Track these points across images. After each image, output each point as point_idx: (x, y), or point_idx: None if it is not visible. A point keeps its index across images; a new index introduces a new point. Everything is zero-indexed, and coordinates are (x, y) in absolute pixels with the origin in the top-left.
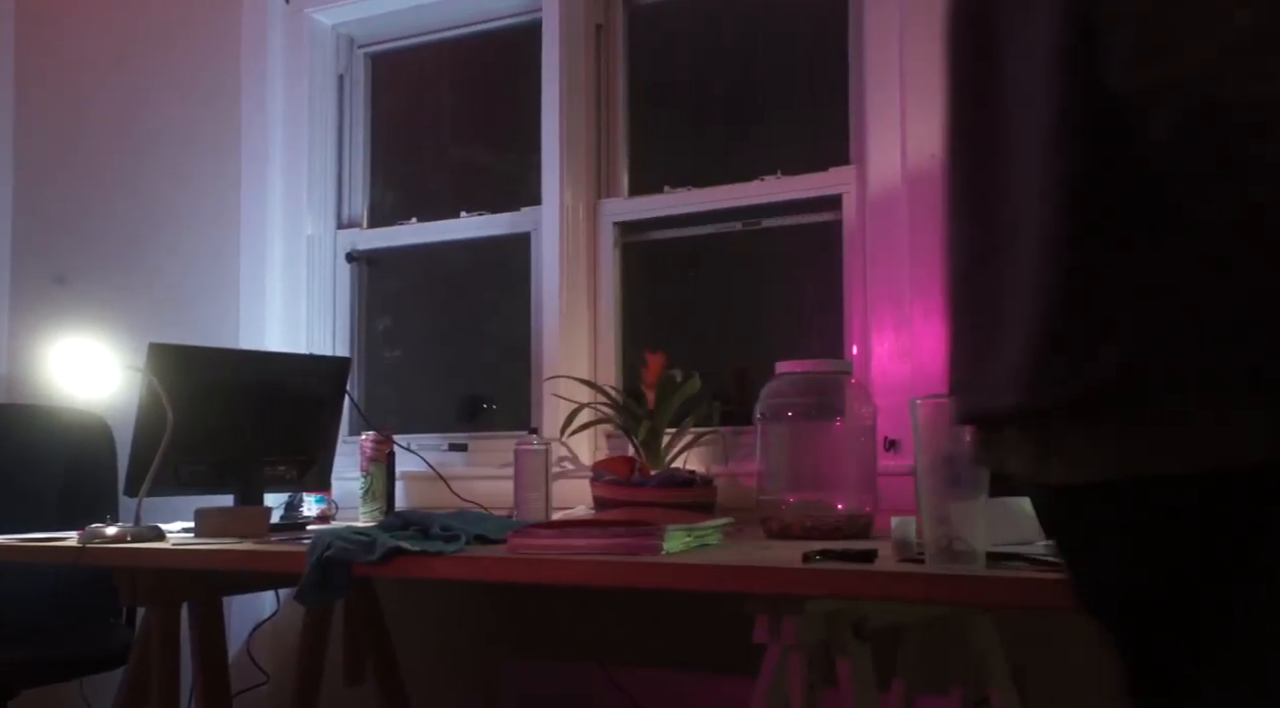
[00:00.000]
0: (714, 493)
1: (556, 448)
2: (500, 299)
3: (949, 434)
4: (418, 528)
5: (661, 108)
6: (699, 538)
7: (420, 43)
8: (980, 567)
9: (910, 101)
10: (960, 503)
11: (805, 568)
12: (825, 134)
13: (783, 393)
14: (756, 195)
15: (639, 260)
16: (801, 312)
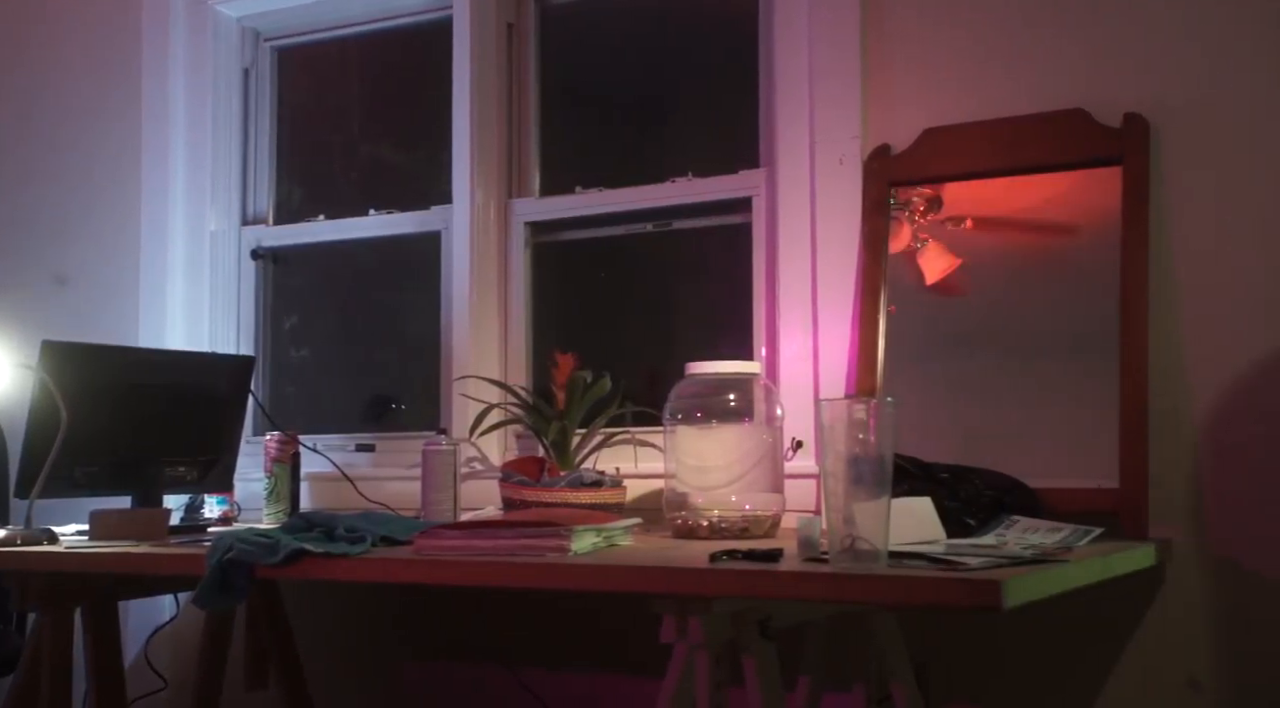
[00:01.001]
0: (623, 493)
1: (465, 448)
2: (409, 298)
3: (854, 435)
4: (322, 530)
5: (574, 108)
6: (607, 538)
7: (328, 37)
8: (882, 566)
9: (819, 105)
10: (864, 503)
11: (711, 568)
12: (736, 136)
13: (691, 394)
14: (667, 197)
15: (550, 261)
16: (711, 313)
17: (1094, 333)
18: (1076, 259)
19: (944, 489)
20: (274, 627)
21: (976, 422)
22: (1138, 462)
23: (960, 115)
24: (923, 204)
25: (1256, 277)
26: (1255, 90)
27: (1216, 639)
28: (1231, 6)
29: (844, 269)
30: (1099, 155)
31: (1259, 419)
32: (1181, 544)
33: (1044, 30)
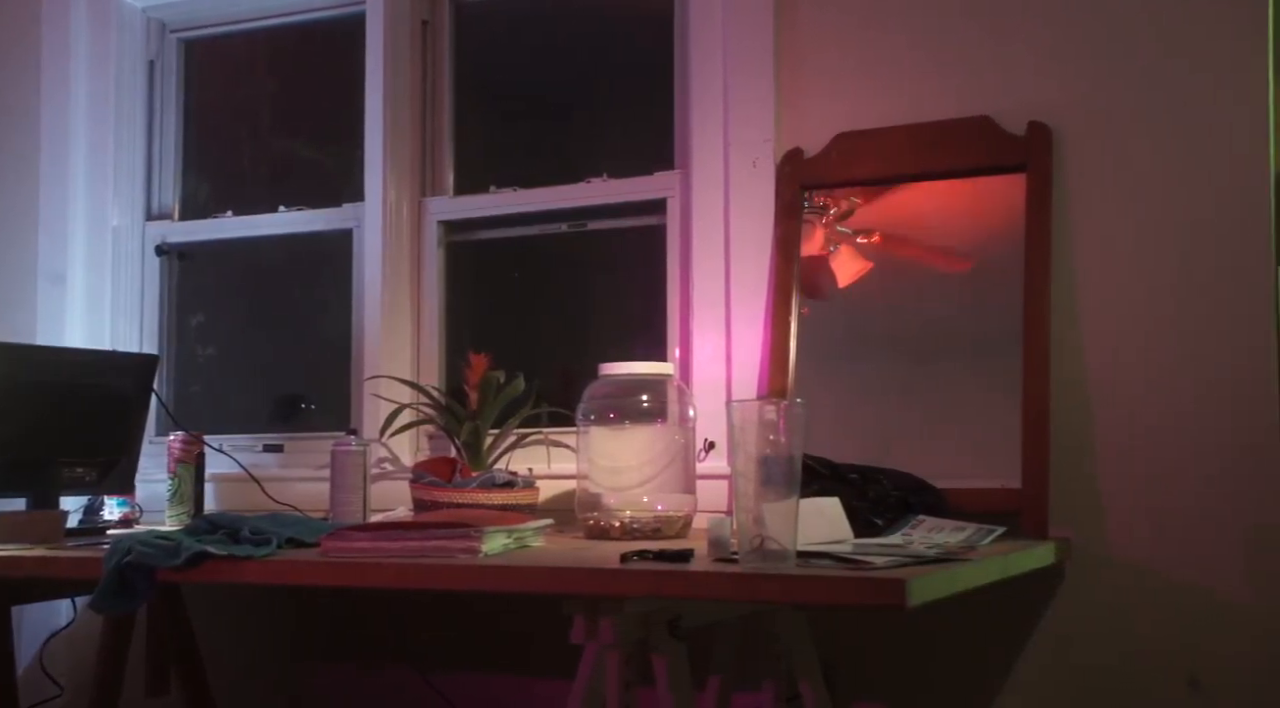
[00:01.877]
0: (536, 494)
1: (376, 449)
2: (320, 297)
3: (764, 436)
4: (227, 531)
5: (489, 106)
6: (519, 539)
7: (237, 30)
8: (791, 566)
9: (733, 108)
10: (774, 503)
11: (622, 568)
12: (652, 138)
13: (605, 394)
14: (582, 197)
15: (464, 260)
16: (626, 314)
17: (999, 336)
18: (983, 264)
19: (853, 490)
20: (176, 631)
21: (885, 423)
22: (1039, 462)
23: (871, 120)
24: (837, 208)
25: (1154, 281)
26: (1152, 100)
27: (1113, 636)
28: (1129, 20)
29: (757, 271)
30: (1004, 162)
31: (1155, 421)
32: (1080, 543)
33: (952, 38)
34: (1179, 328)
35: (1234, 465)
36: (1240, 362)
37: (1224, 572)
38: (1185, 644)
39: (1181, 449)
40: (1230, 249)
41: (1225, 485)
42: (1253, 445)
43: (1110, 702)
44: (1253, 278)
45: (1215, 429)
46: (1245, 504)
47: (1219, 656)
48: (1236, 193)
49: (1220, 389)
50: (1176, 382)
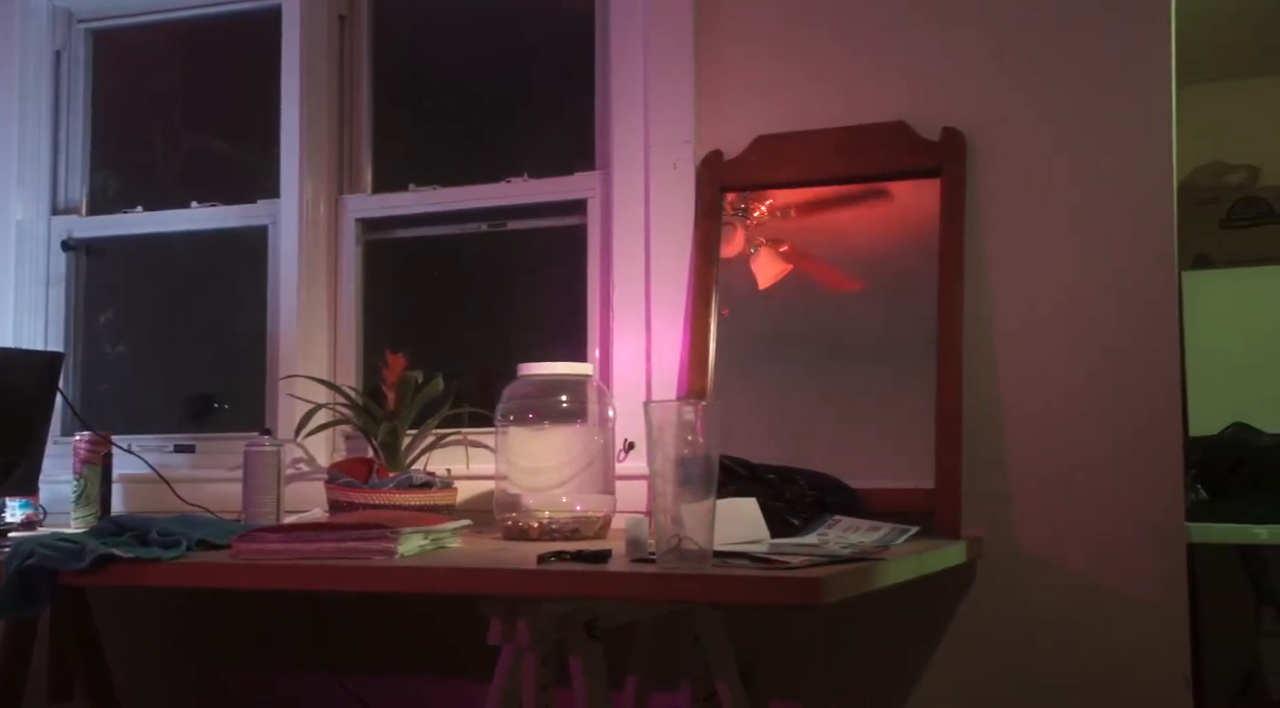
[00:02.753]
0: (454, 495)
1: (291, 450)
2: (234, 295)
3: (681, 437)
4: (134, 534)
5: (409, 104)
6: (435, 541)
7: (149, 21)
8: (707, 566)
9: (654, 109)
10: (691, 504)
11: (539, 569)
12: (573, 138)
13: (523, 395)
14: (502, 197)
15: (383, 259)
16: (546, 314)
17: (914, 338)
18: (900, 267)
19: (770, 490)
20: (80, 636)
21: (804, 423)
22: (952, 463)
23: (790, 124)
24: (757, 209)
25: (1062, 284)
26: (1061, 108)
27: (1023, 634)
28: (1040, 30)
29: (678, 272)
30: (919, 167)
31: (1063, 421)
32: (991, 542)
33: (870, 44)
34: (1086, 331)
35: (1137, 465)
36: (1144, 364)
37: (1128, 568)
38: (1092, 640)
39: (1088, 449)
40: (1135, 255)
41: (1129, 484)
42: (1156, 445)
43: (1021, 698)
44: (1157, 283)
45: (1120, 429)
46: (1148, 502)
47: (1124, 652)
48: (1142, 199)
49: (1125, 391)
50: (1083, 383)
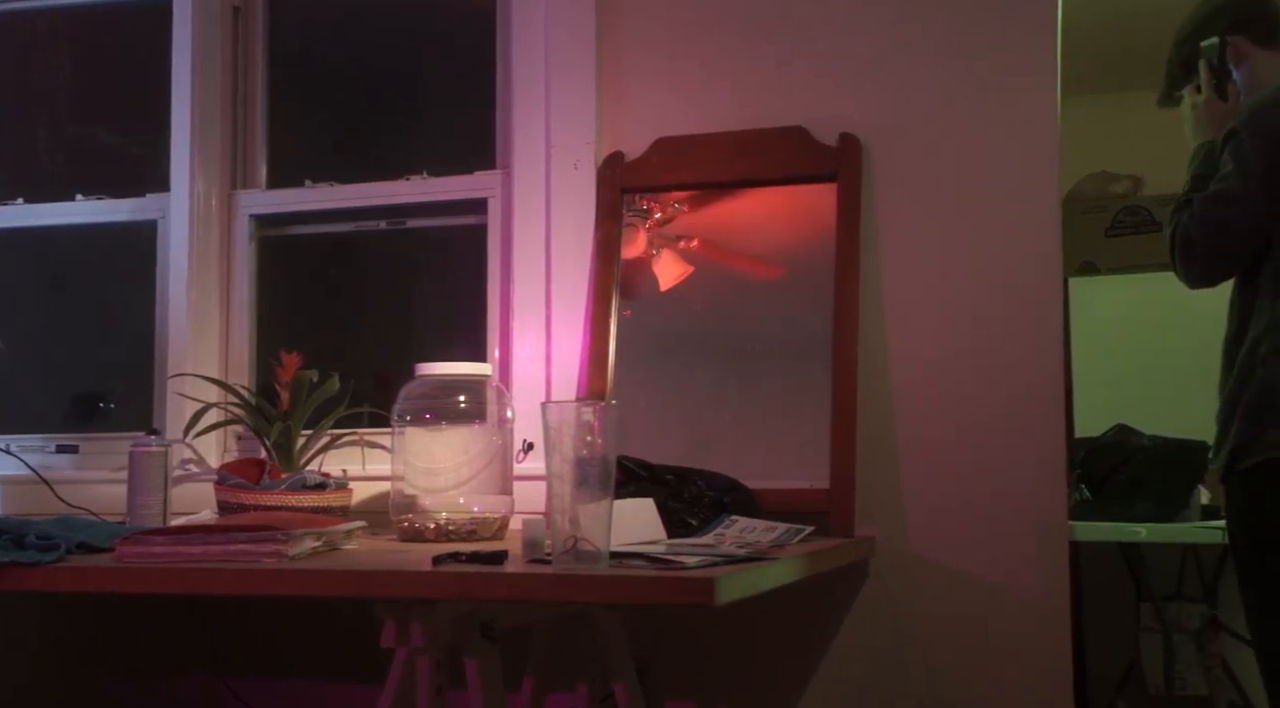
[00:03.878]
0: (349, 496)
1: (180, 450)
2: (121, 290)
3: (579, 437)
4: (10, 537)
5: (306, 98)
6: (328, 542)
7: (33, 7)
8: (604, 566)
9: (555, 109)
10: (588, 505)
11: (434, 571)
12: (473, 137)
13: (421, 395)
14: (401, 195)
15: (278, 256)
16: (447, 314)
17: (811, 340)
18: (798, 270)
19: (669, 490)
20: None
21: (703, 424)
22: (846, 463)
23: (691, 126)
24: (659, 211)
25: (953, 289)
26: (954, 116)
27: (914, 631)
28: (934, 40)
29: (578, 273)
30: (817, 172)
31: (954, 423)
32: (884, 541)
33: (770, 49)
34: (976, 335)
35: (1024, 465)
36: (1031, 368)
37: (1014, 566)
38: (979, 637)
39: (977, 450)
40: (1023, 260)
41: (1016, 484)
42: (1041, 446)
43: (911, 694)
44: (1043, 288)
45: (1008, 431)
46: (1034, 502)
47: (1010, 648)
48: (1029, 206)
49: (1013, 393)
50: (973, 386)
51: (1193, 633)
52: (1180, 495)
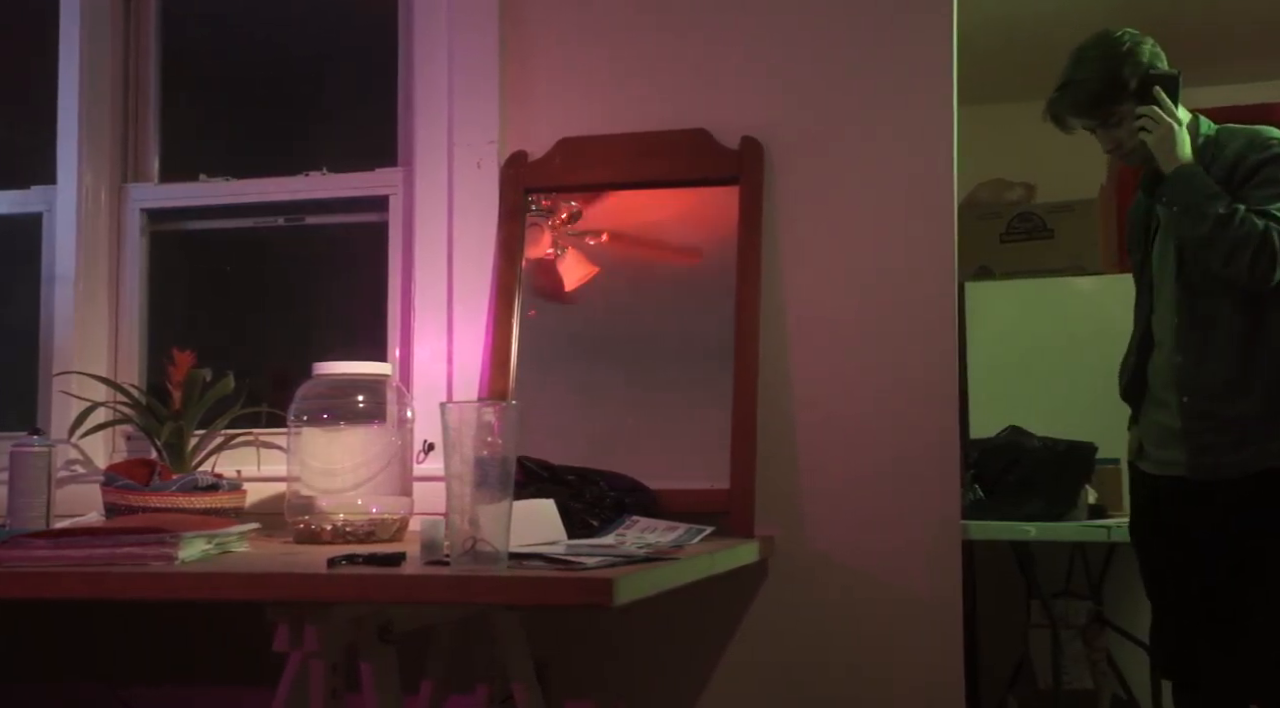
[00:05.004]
0: (242, 497)
1: (65, 451)
2: (4, 285)
3: (479, 438)
4: None
5: (202, 90)
6: (220, 545)
7: None
8: (502, 567)
9: (458, 107)
10: (488, 505)
11: (328, 573)
12: (375, 133)
13: (319, 394)
14: (300, 191)
15: (172, 251)
16: (347, 312)
17: (713, 342)
18: (701, 272)
19: (570, 491)
20: None
21: (605, 425)
22: (747, 464)
23: (595, 127)
24: (563, 211)
25: (852, 293)
26: (853, 122)
27: (812, 630)
28: (834, 46)
29: (481, 273)
30: (720, 175)
31: (851, 424)
32: (783, 541)
33: (674, 52)
34: (874, 337)
35: (919, 466)
36: (926, 370)
37: (909, 565)
38: (876, 634)
39: (874, 450)
40: (919, 265)
41: (911, 485)
42: (935, 447)
43: (809, 692)
44: (938, 295)
45: (903, 432)
46: (929, 502)
47: (905, 645)
48: (925, 212)
49: (909, 396)
50: (871, 388)
51: (1079, 629)
52: (1069, 496)
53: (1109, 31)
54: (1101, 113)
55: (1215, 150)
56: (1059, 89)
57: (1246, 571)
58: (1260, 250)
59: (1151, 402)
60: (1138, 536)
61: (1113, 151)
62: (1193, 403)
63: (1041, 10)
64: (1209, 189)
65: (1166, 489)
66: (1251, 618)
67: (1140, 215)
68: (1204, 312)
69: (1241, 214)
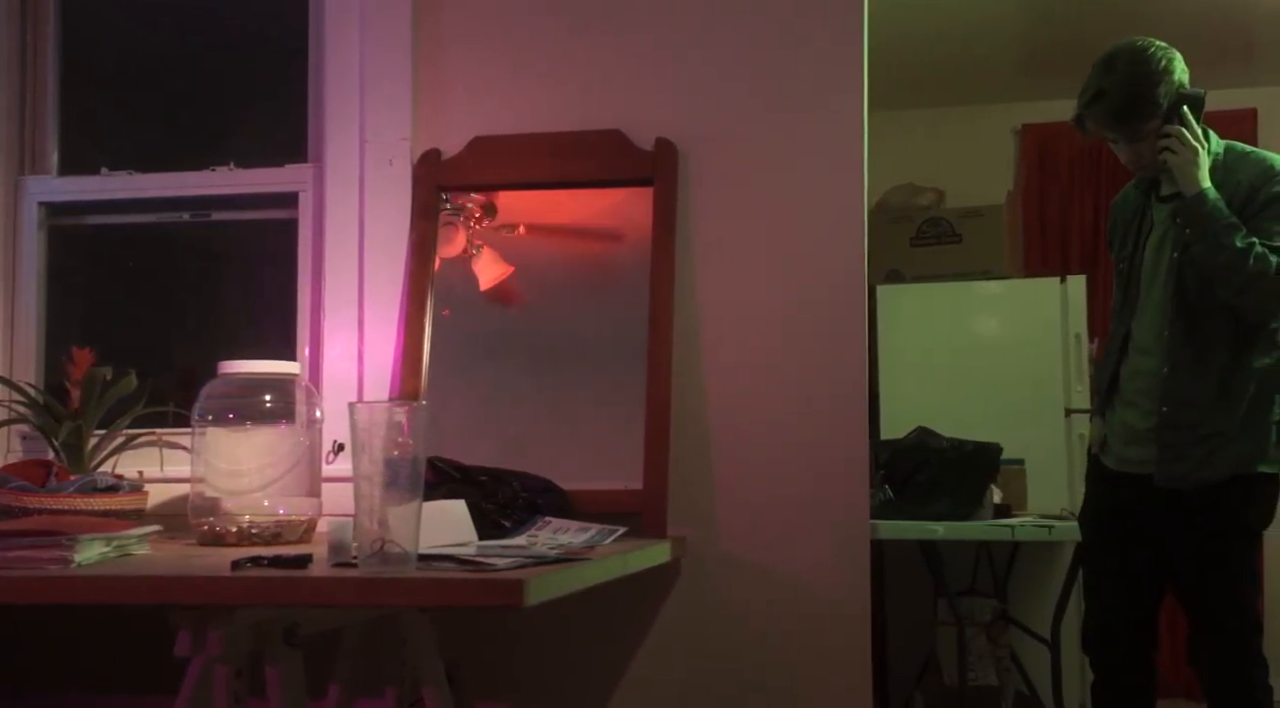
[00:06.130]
0: (144, 499)
1: None
2: None
3: (389, 438)
4: None
5: (103, 81)
6: (119, 548)
7: None
8: (411, 569)
9: (370, 104)
10: (397, 506)
11: (232, 576)
12: (285, 128)
13: (224, 394)
14: (206, 186)
15: (72, 247)
16: (256, 311)
17: (628, 343)
18: (615, 273)
19: (482, 491)
20: None
21: (519, 425)
22: (660, 464)
23: (510, 126)
24: (478, 210)
25: (765, 295)
26: (767, 127)
27: (723, 629)
28: (749, 52)
29: (393, 271)
30: (634, 175)
31: (764, 426)
32: (695, 541)
33: (589, 52)
34: (786, 339)
35: (829, 466)
36: (836, 373)
37: (819, 565)
38: (786, 633)
39: (785, 451)
40: (829, 268)
41: (821, 485)
42: (846, 447)
43: (719, 691)
44: (848, 297)
45: (816, 432)
46: (839, 502)
47: (814, 644)
48: (835, 216)
49: (820, 396)
50: (783, 389)
51: (984, 626)
52: (975, 495)
53: (1142, 45)
54: (1129, 129)
55: (1225, 172)
56: (1091, 99)
57: (1212, 569)
58: (1271, 288)
59: (1122, 401)
60: (1088, 524)
61: (1130, 163)
62: (1173, 413)
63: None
64: (1226, 218)
65: (1128, 486)
66: (1212, 609)
67: (1131, 215)
68: (1199, 329)
69: (1258, 250)
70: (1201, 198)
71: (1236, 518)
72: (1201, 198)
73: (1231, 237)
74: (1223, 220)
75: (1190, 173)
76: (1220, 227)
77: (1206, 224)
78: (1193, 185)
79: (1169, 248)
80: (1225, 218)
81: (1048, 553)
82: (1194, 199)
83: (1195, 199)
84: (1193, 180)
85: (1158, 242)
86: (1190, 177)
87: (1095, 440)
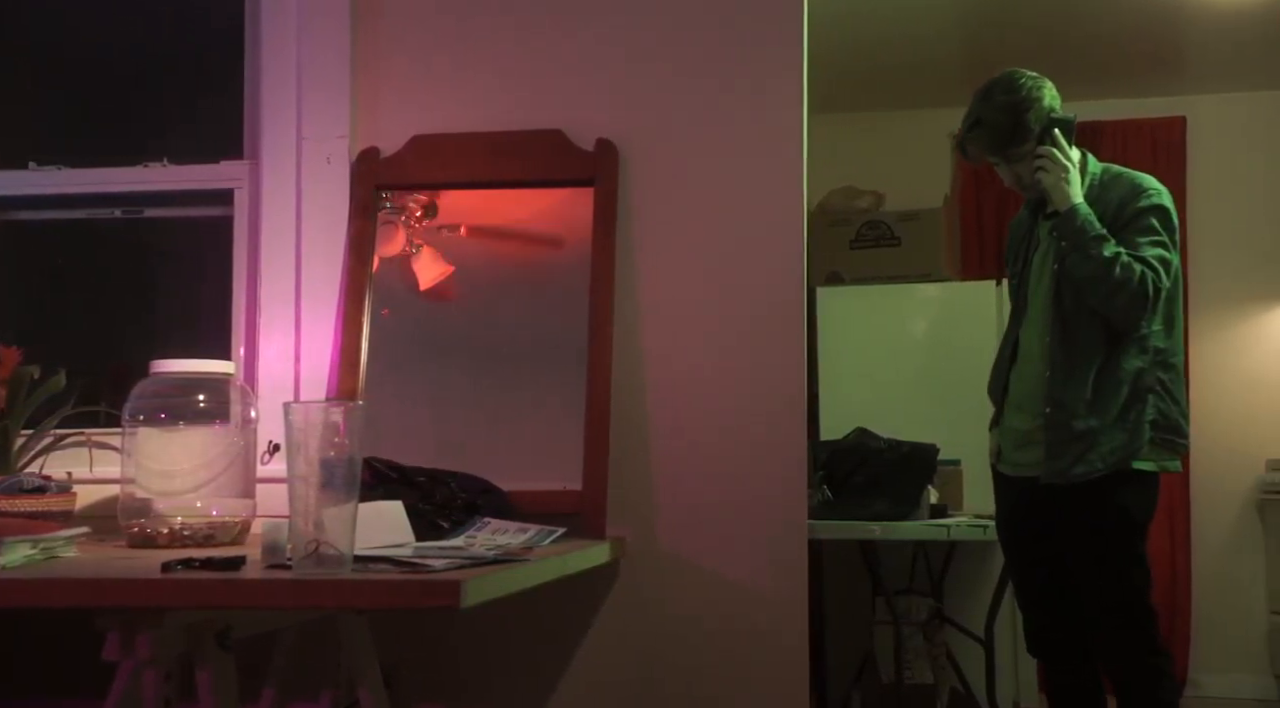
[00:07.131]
0: (72, 500)
1: None
2: None
3: (325, 438)
4: None
5: (31, 73)
6: (45, 550)
7: None
8: (346, 570)
9: (307, 101)
10: (333, 507)
11: (162, 578)
12: (220, 125)
13: (156, 393)
14: (139, 182)
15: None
16: (190, 309)
17: (568, 343)
18: (556, 273)
19: (420, 492)
20: None
21: (458, 426)
22: (599, 465)
23: (450, 125)
24: (419, 210)
25: (705, 296)
26: (708, 128)
27: (662, 630)
28: (690, 53)
29: (331, 270)
30: (575, 176)
31: (702, 426)
32: (634, 542)
33: (531, 51)
34: (725, 340)
35: (767, 466)
36: (776, 374)
37: (758, 565)
38: (724, 633)
39: (724, 452)
40: (769, 270)
41: (759, 486)
42: (785, 448)
43: (659, 691)
44: (788, 299)
45: (754, 433)
46: (777, 502)
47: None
48: (775, 218)
49: (757, 398)
50: (722, 389)
51: (920, 625)
52: (912, 496)
53: (1014, 76)
54: (1006, 152)
55: (1100, 191)
56: (970, 127)
57: (1098, 562)
58: (1136, 295)
59: (1010, 406)
60: (1001, 531)
61: (1013, 185)
62: (1054, 414)
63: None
64: (1096, 231)
65: (1024, 490)
66: (1104, 602)
67: (1022, 232)
68: (1073, 335)
69: (1124, 260)
70: (1073, 212)
71: (1119, 513)
72: (1073, 212)
73: (1100, 247)
74: (1092, 233)
75: (1061, 190)
76: (1090, 239)
77: (1077, 237)
78: (1064, 201)
79: (1050, 260)
80: (1095, 231)
81: (983, 552)
82: (1066, 213)
83: (1068, 213)
84: (1064, 196)
85: (1041, 256)
86: (1062, 193)
87: (992, 450)
